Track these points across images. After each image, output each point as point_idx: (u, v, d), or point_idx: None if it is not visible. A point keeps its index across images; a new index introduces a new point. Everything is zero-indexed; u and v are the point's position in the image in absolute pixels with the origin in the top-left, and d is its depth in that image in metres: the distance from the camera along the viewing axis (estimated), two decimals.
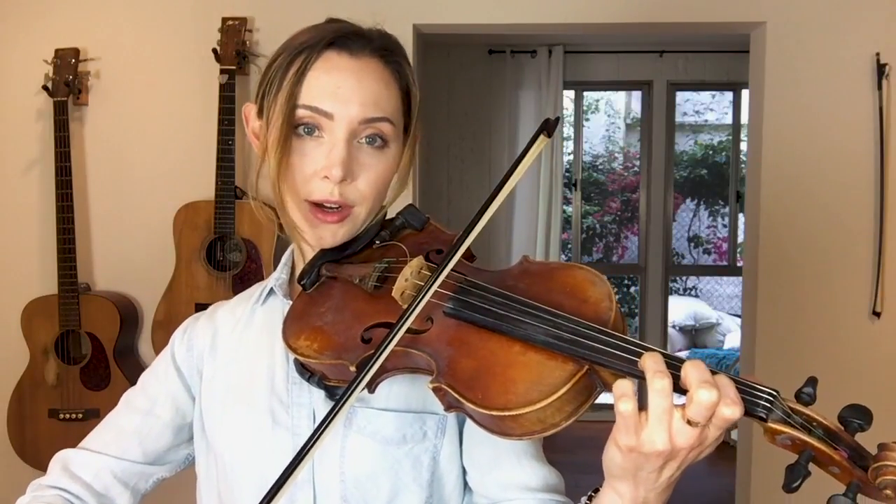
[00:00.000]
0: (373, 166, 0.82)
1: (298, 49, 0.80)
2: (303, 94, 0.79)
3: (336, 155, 0.78)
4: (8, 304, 2.49)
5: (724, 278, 6.80)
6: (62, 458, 0.91)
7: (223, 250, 2.42)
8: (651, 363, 0.58)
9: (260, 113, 0.84)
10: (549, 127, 0.69)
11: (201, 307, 1.01)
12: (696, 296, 6.91)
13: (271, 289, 0.92)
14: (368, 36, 0.83)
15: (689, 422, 0.58)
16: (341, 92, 0.79)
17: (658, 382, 0.57)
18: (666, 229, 4.79)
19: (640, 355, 0.60)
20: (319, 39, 0.80)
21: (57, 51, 2.45)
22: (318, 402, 0.83)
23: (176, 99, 2.55)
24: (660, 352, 0.60)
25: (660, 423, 0.58)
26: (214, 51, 2.40)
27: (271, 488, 0.61)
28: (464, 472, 0.85)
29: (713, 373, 0.59)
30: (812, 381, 0.59)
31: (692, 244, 6.74)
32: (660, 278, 4.77)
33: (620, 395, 0.59)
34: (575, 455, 1.71)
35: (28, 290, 2.48)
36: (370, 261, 0.83)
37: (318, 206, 0.81)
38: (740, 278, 3.17)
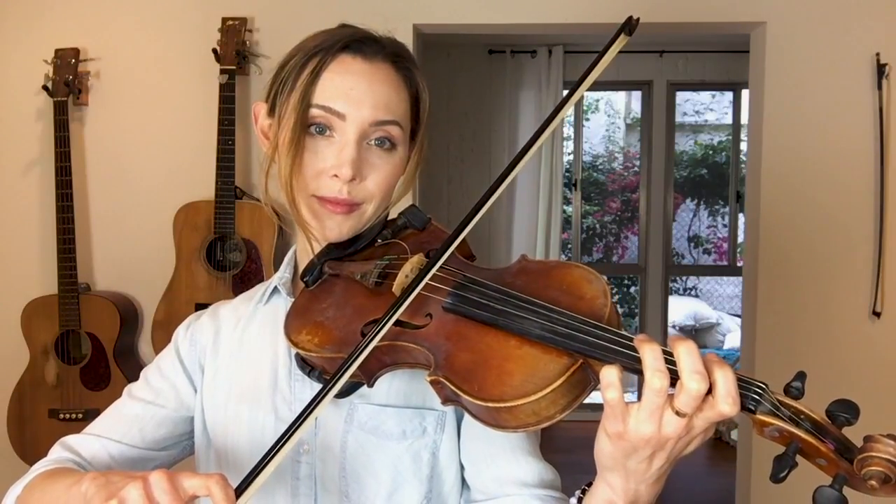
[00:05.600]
0: (381, 167, 0.84)
1: (313, 51, 0.83)
2: (316, 94, 0.81)
3: (346, 155, 0.81)
4: (8, 304, 2.49)
5: (724, 278, 6.80)
6: (62, 440, 0.93)
7: (223, 250, 2.42)
8: (651, 360, 0.58)
9: (271, 112, 0.86)
10: (631, 25, 0.69)
11: (201, 307, 1.02)
12: (696, 296, 6.91)
13: (275, 287, 0.94)
14: (381, 41, 0.85)
15: (677, 412, 0.58)
16: (354, 94, 0.81)
17: (657, 382, 0.57)
18: (666, 229, 4.79)
19: (633, 349, 0.60)
20: (334, 42, 0.83)
21: (57, 51, 2.45)
22: None
23: (176, 99, 2.55)
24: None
25: (650, 415, 0.58)
26: (214, 51, 2.40)
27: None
28: (462, 468, 0.85)
29: (716, 362, 0.58)
30: (801, 376, 0.60)
31: (692, 244, 6.74)
32: (660, 278, 4.77)
33: (608, 384, 0.59)
34: (574, 455, 1.71)
35: (28, 290, 2.49)
36: (372, 258, 0.84)
37: (326, 199, 0.83)
38: (740, 278, 3.17)
